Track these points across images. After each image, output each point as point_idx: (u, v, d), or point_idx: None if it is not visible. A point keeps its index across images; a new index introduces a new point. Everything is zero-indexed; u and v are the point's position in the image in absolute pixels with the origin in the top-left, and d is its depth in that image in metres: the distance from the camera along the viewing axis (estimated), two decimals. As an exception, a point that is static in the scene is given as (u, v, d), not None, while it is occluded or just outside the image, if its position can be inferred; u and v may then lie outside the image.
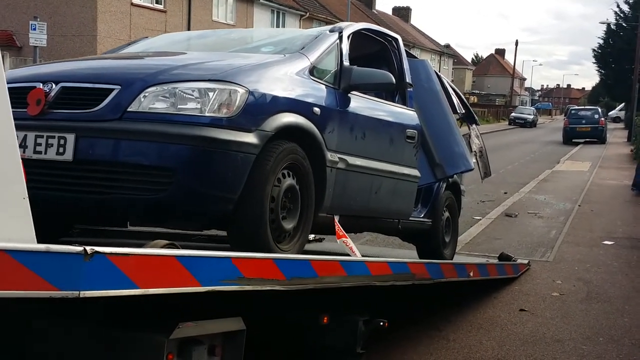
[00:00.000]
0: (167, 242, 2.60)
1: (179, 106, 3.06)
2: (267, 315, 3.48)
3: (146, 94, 3.05)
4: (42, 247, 1.88)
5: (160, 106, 3.06)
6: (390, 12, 62.05)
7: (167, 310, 2.61)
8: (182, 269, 2.30)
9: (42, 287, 1.86)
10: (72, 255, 1.92)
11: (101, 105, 3.04)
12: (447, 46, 66.75)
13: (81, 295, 1.93)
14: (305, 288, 3.06)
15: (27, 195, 1.94)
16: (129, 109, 3.03)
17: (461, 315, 5.56)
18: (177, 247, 2.56)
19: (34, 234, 1.96)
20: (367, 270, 3.64)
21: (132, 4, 25.71)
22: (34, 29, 20.11)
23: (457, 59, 70.58)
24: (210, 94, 3.11)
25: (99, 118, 3.02)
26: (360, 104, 4.18)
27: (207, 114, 3.07)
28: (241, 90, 3.19)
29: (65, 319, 2.66)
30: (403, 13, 62.98)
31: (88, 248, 1.94)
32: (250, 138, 3.17)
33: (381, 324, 3.86)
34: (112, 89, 3.07)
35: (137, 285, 2.11)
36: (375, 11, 53.55)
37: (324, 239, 6.37)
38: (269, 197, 3.26)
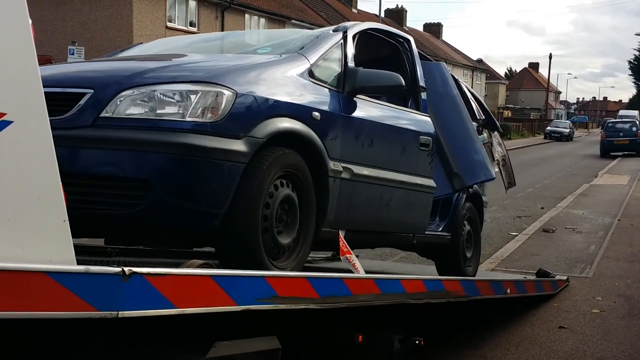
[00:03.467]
0: (202, 261, 2.63)
1: (158, 111, 2.83)
2: (302, 334, 3.47)
3: (122, 98, 2.82)
4: (82, 268, 1.92)
5: (137, 111, 2.82)
6: (421, 29, 62.07)
7: (203, 329, 2.63)
8: (217, 289, 2.32)
9: (81, 308, 1.89)
10: (111, 276, 1.96)
11: (72, 112, 2.81)
12: (480, 61, 66.38)
13: (120, 316, 1.95)
14: (339, 306, 3.05)
15: (67, 218, 1.99)
16: (102, 115, 2.79)
17: (499, 333, 5.47)
18: (212, 267, 2.59)
19: (74, 255, 2.00)
20: (401, 287, 3.61)
21: (166, 27, 26.22)
22: (72, 54, 20.70)
23: (490, 74, 70.09)
24: (193, 96, 2.85)
25: (69, 125, 2.77)
26: (367, 108, 3.93)
27: (188, 119, 2.82)
28: (227, 93, 2.93)
29: (102, 338, 2.69)
30: (434, 29, 62.91)
31: (126, 269, 1.97)
32: (238, 145, 2.92)
33: (417, 342, 3.82)
34: (84, 93, 2.84)
35: (174, 305, 2.13)
36: (406, 28, 53.60)
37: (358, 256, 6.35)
38: (260, 210, 3.01)
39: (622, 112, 46.14)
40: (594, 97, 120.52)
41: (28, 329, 2.29)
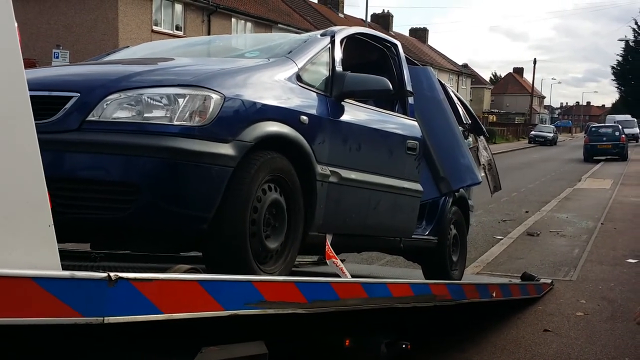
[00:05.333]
0: (189, 266, 2.62)
1: (145, 115, 2.80)
2: (289, 338, 3.47)
3: (108, 102, 2.80)
4: (67, 274, 1.90)
5: (123, 115, 2.80)
6: (407, 34, 62.31)
7: (190, 334, 2.62)
8: (204, 294, 2.31)
9: (66, 314, 1.87)
10: (96, 281, 1.94)
11: (58, 115, 2.79)
12: (465, 66, 66.74)
13: (105, 322, 1.94)
14: (326, 311, 3.05)
15: (52, 223, 1.97)
16: (88, 119, 2.77)
17: (485, 337, 5.49)
18: (199, 272, 2.58)
19: (59, 260, 1.98)
20: (388, 291, 3.61)
21: (152, 31, 26.14)
22: (57, 57, 20.55)
23: (475, 78, 70.50)
24: (180, 100, 2.84)
25: (54, 129, 2.75)
26: (355, 112, 3.93)
27: (176, 123, 2.80)
28: (215, 97, 2.92)
29: (87, 344, 2.67)
30: (420, 34, 63.19)
31: (112, 274, 1.95)
32: (226, 149, 2.90)
33: (404, 346, 3.83)
34: (70, 97, 2.82)
35: (160, 310, 2.12)
36: (392, 33, 53.78)
37: (344, 260, 6.36)
38: (248, 214, 2.99)
39: (618, 118, 45.80)
40: (578, 102, 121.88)
41: (22, 331, 2.26)
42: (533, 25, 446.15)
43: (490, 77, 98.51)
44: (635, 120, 45.31)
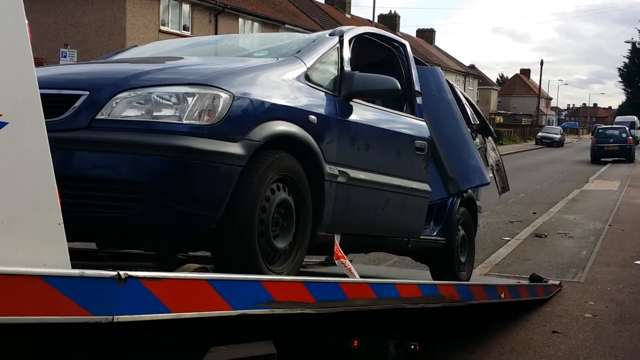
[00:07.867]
0: (198, 265, 2.61)
1: (154, 113, 2.80)
2: (297, 338, 3.46)
3: (118, 100, 2.80)
4: (77, 272, 1.89)
5: (133, 113, 2.80)
6: (414, 35, 62.27)
7: (199, 334, 2.61)
8: (213, 293, 2.30)
9: (76, 313, 1.86)
10: (106, 279, 1.93)
11: (67, 114, 2.78)
12: (472, 67, 66.62)
13: (115, 320, 1.93)
14: (335, 311, 3.03)
15: (62, 221, 1.96)
16: (97, 117, 2.77)
17: (493, 338, 5.47)
18: (208, 271, 2.57)
19: (69, 259, 1.97)
20: (396, 292, 3.60)
21: (160, 30, 26.20)
22: (65, 57, 20.63)
23: (482, 80, 70.36)
24: (190, 99, 2.83)
25: (64, 127, 2.74)
26: (363, 112, 3.92)
27: (185, 122, 2.79)
28: (225, 96, 2.91)
29: (95, 344, 2.67)
30: (427, 35, 63.14)
31: (122, 272, 1.94)
32: (235, 148, 2.89)
33: (412, 347, 3.81)
34: (80, 95, 2.82)
35: (169, 309, 2.11)
36: (399, 33, 53.75)
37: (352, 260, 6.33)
38: (257, 214, 2.99)
39: (620, 119, 46.27)
40: (584, 104, 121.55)
41: (31, 330, 2.26)
42: (535, 27, 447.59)
43: (497, 79, 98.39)
44: (637, 123, 45.20)
